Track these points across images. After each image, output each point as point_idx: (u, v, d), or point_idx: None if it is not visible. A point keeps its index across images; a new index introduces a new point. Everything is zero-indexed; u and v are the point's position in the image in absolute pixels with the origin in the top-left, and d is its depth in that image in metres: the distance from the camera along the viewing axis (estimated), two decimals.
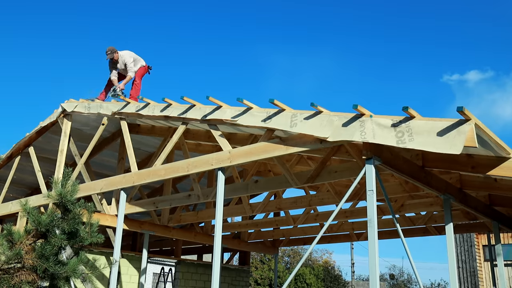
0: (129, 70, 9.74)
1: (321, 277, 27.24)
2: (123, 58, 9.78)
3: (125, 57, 9.76)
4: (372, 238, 4.91)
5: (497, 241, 8.29)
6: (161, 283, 16.33)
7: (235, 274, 13.14)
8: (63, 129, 9.61)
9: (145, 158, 11.07)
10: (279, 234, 12.53)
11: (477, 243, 20.84)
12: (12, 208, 10.31)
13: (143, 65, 10.03)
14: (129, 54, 9.87)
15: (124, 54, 9.80)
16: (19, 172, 11.51)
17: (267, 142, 6.19)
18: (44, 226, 4.46)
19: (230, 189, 7.80)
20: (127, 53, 9.86)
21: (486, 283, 20.06)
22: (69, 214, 4.61)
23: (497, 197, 8.03)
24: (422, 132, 4.75)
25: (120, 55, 9.78)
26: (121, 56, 9.78)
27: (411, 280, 38.82)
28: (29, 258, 4.41)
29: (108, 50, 9.69)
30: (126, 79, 9.73)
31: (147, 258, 9.52)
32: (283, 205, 9.42)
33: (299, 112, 5.79)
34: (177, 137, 7.60)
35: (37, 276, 4.44)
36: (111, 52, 9.69)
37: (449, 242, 6.35)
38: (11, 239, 4.51)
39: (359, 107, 5.18)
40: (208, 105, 6.97)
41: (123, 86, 9.69)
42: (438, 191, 6.46)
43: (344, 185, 9.06)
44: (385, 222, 10.23)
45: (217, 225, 6.43)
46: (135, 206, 8.97)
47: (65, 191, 4.54)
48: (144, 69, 10.06)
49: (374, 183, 5.09)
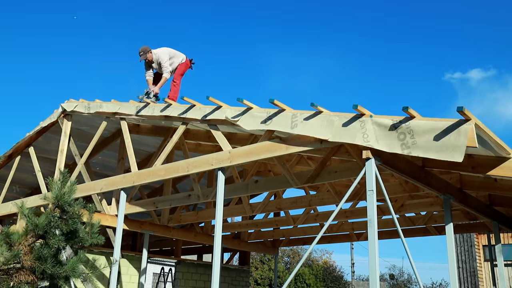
0: (164, 71, 8.80)
1: (320, 277, 27.23)
2: (157, 57, 8.84)
3: (159, 56, 8.80)
4: (372, 238, 4.91)
5: (497, 241, 8.28)
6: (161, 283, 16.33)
7: (235, 274, 13.14)
8: (63, 129, 9.61)
9: (145, 158, 11.07)
10: (279, 234, 12.53)
11: (477, 243, 20.84)
12: (12, 208, 10.31)
13: (182, 61, 8.99)
14: (165, 51, 8.86)
15: (158, 52, 8.83)
16: (19, 172, 11.51)
17: (267, 142, 6.19)
18: (41, 228, 4.45)
19: (230, 189, 7.80)
20: (162, 51, 8.85)
21: (486, 283, 20.06)
22: (66, 214, 4.60)
23: (497, 197, 8.03)
24: (423, 133, 4.75)
25: (154, 54, 8.83)
26: (155, 54, 8.84)
27: (411, 280, 38.80)
28: (27, 259, 4.40)
29: (140, 51, 8.75)
30: (161, 81, 8.78)
31: (147, 258, 9.52)
32: (283, 205, 9.42)
33: (299, 112, 5.79)
34: (177, 137, 7.59)
35: (35, 277, 4.44)
36: (144, 52, 8.75)
37: (449, 242, 6.35)
38: (10, 240, 4.50)
39: (359, 107, 5.18)
40: (208, 105, 6.96)
41: (158, 90, 8.71)
42: (438, 191, 6.46)
43: (344, 185, 9.06)
44: (385, 222, 10.22)
45: (217, 225, 6.43)
46: (135, 206, 8.97)
47: (61, 193, 4.52)
48: (185, 65, 9.01)
49: (374, 183, 5.09)
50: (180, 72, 8.91)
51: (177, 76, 8.87)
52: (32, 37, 76.21)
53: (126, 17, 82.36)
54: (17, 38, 74.18)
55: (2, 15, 72.36)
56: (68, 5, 79.41)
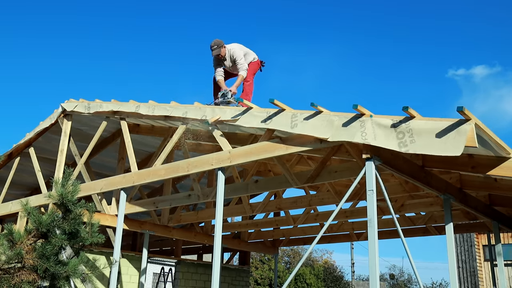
0: (240, 68, 7.95)
1: (321, 277, 27.25)
2: (231, 53, 8.02)
3: (234, 52, 8.01)
4: (372, 238, 4.91)
5: (497, 241, 8.29)
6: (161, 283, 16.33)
7: (235, 274, 13.14)
8: (63, 129, 9.62)
9: (145, 158, 11.07)
10: (279, 234, 12.53)
11: (477, 243, 20.84)
12: (12, 208, 10.31)
13: (254, 60, 8.25)
14: (239, 47, 8.14)
15: (233, 48, 8.05)
16: (19, 173, 11.51)
17: (267, 142, 6.19)
18: (45, 226, 4.47)
19: (230, 189, 7.80)
20: (236, 46, 8.11)
21: (486, 283, 20.06)
22: (70, 214, 4.62)
23: (497, 197, 8.03)
24: (422, 132, 4.76)
25: (227, 49, 8.03)
26: (229, 50, 8.03)
27: (411, 280, 38.83)
28: (29, 258, 4.41)
29: (213, 45, 7.94)
30: (237, 80, 7.92)
31: (147, 258, 9.52)
32: (283, 205, 9.42)
33: (299, 112, 5.79)
34: (177, 137, 7.60)
35: (37, 276, 4.45)
36: (218, 46, 7.92)
37: (449, 242, 6.35)
38: (12, 238, 4.51)
39: (359, 107, 5.19)
40: (208, 105, 6.96)
41: (235, 90, 7.78)
42: (438, 191, 6.46)
43: (344, 185, 9.06)
44: (385, 222, 10.22)
45: (217, 225, 6.43)
46: (135, 206, 8.97)
47: (66, 191, 4.55)
48: (256, 64, 8.28)
49: (374, 183, 5.10)
50: (252, 71, 8.20)
51: (250, 75, 8.13)
52: (32, 37, 76.27)
53: (126, 17, 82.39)
54: (17, 38, 74.24)
55: (2, 15, 72.39)
56: (68, 5, 79.45)
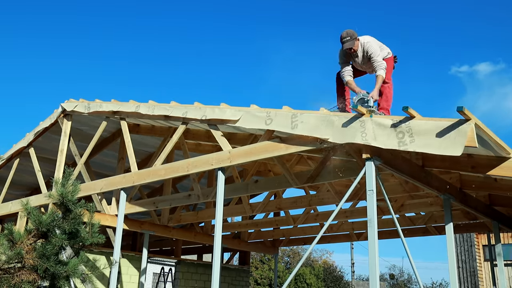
0: (377, 66, 6.34)
1: (321, 277, 27.25)
2: (366, 47, 6.46)
3: (370, 46, 6.43)
4: (372, 238, 4.91)
5: (497, 241, 8.29)
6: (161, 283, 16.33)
7: (235, 274, 13.14)
8: (63, 129, 9.61)
9: (145, 158, 11.07)
10: (279, 234, 12.54)
11: (477, 243, 20.83)
12: (12, 208, 10.31)
13: (388, 55, 6.67)
14: (374, 40, 6.58)
15: (368, 42, 6.48)
16: (19, 173, 11.51)
17: (267, 142, 6.19)
18: (45, 226, 4.47)
19: (230, 189, 7.80)
20: (372, 40, 6.55)
21: (486, 283, 20.06)
22: (70, 214, 4.62)
23: (497, 197, 8.04)
24: (422, 132, 4.76)
25: (361, 43, 6.49)
26: (363, 44, 6.49)
27: (411, 280, 38.82)
28: (29, 257, 4.41)
29: (346, 36, 6.34)
30: (377, 81, 6.26)
31: (147, 258, 9.52)
32: (283, 205, 9.43)
33: (299, 112, 5.79)
34: (177, 137, 7.59)
35: (37, 276, 4.45)
36: (351, 38, 6.35)
37: (449, 242, 6.35)
38: (12, 238, 4.52)
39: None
40: (208, 105, 6.96)
41: (377, 95, 6.17)
42: (438, 191, 6.46)
43: (344, 185, 9.05)
44: (385, 222, 10.22)
45: (217, 225, 6.43)
46: (135, 206, 8.97)
47: (66, 191, 4.55)
48: (392, 60, 6.72)
49: (374, 183, 5.10)
50: (389, 71, 6.64)
51: (388, 76, 6.57)
52: (32, 37, 76.26)
53: (126, 17, 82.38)
54: (17, 38, 74.24)
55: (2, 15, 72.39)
56: (68, 5, 79.45)
